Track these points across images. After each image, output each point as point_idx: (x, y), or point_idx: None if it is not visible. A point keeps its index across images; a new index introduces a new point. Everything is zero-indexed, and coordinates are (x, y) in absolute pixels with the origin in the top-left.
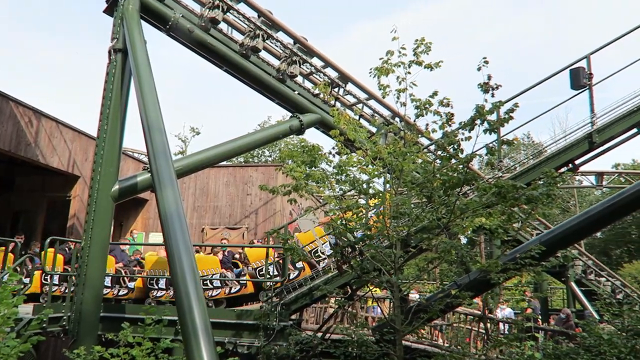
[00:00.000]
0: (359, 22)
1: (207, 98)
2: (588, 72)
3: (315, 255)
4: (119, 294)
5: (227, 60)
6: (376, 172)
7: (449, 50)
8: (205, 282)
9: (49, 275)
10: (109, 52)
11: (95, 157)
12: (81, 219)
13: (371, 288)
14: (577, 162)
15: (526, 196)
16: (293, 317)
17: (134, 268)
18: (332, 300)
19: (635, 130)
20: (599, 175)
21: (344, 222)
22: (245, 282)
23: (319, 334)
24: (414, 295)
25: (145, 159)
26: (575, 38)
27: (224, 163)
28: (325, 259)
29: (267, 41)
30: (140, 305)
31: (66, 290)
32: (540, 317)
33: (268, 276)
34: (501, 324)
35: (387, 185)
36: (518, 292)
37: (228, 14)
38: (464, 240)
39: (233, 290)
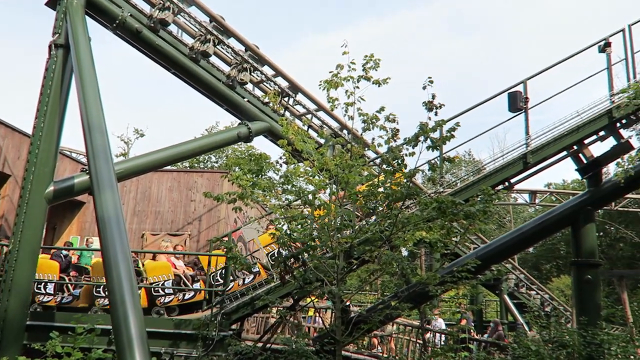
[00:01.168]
0: (309, 35)
1: (154, 99)
2: (524, 96)
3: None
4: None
5: (175, 63)
6: (322, 184)
7: (396, 67)
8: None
9: None
10: (50, 47)
11: (29, 156)
12: (10, 221)
13: (313, 299)
14: (512, 180)
15: (464, 212)
16: (234, 326)
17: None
18: (274, 310)
19: (565, 152)
20: (533, 193)
21: (288, 232)
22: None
23: (259, 344)
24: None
25: (84, 160)
26: (511, 60)
27: (168, 167)
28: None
29: (218, 46)
30: (71, 313)
31: None
32: (473, 328)
33: (213, 284)
34: (437, 335)
35: (333, 197)
36: (454, 304)
37: (179, 16)
38: (405, 253)
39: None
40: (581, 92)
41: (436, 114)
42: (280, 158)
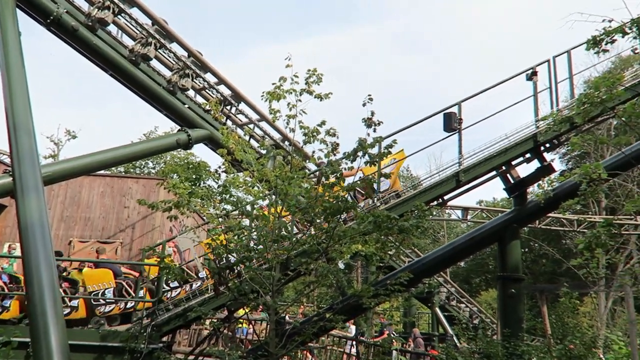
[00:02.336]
0: (260, 45)
1: (89, 99)
2: (458, 117)
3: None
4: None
5: (114, 64)
6: (261, 194)
7: (344, 80)
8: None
9: None
10: None
11: None
12: None
13: (247, 310)
14: (446, 197)
15: (399, 226)
16: (165, 339)
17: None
18: (208, 321)
19: (494, 172)
20: (465, 210)
21: (224, 242)
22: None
23: (191, 357)
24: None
25: (8, 161)
26: (453, 79)
27: (101, 172)
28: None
29: (159, 50)
30: None
31: None
32: (394, 339)
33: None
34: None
35: (272, 208)
36: (386, 316)
37: (119, 17)
38: (342, 265)
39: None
40: (514, 113)
41: (375, 130)
42: (219, 167)
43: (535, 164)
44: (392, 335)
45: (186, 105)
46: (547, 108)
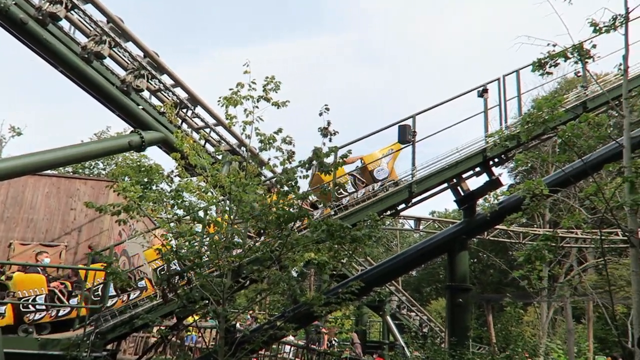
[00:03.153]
0: (223, 49)
1: (36, 96)
2: (413, 130)
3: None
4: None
5: (64, 61)
6: (214, 200)
7: (301, 87)
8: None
9: None
10: None
11: None
12: None
13: (196, 318)
14: (399, 207)
15: (351, 235)
16: (109, 347)
17: None
18: (155, 329)
19: (445, 184)
20: (417, 220)
21: (175, 248)
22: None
23: None
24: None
25: None
26: (413, 92)
27: (48, 172)
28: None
29: (114, 49)
30: None
31: None
32: (337, 347)
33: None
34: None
35: (225, 215)
36: (337, 324)
37: (72, 12)
38: (295, 273)
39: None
40: (468, 128)
41: (330, 140)
42: (172, 172)
43: (484, 178)
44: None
45: (140, 107)
46: (497, 124)
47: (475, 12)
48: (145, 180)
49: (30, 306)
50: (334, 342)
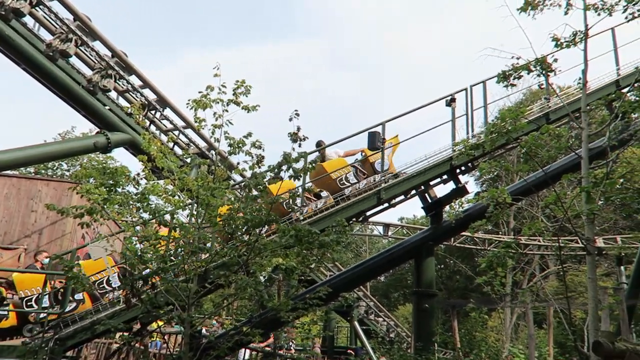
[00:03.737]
0: (194, 50)
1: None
2: (382, 137)
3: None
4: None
5: (28, 58)
6: (181, 204)
7: (274, 91)
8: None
9: None
10: None
11: None
12: None
13: (161, 323)
14: (367, 213)
15: (319, 241)
16: (69, 353)
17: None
18: (118, 335)
19: (414, 191)
20: (386, 226)
21: (139, 252)
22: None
23: None
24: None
25: None
26: (385, 98)
27: (7, 172)
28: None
29: (80, 48)
30: None
31: None
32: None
33: (42, 306)
34: None
35: (192, 219)
36: (303, 330)
37: (37, 9)
38: (263, 278)
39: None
40: (438, 135)
41: (300, 145)
42: (138, 175)
43: (451, 185)
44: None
45: (107, 107)
46: (464, 133)
47: (448, 23)
48: (110, 182)
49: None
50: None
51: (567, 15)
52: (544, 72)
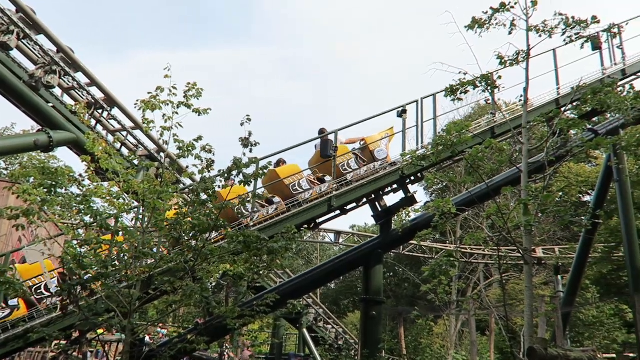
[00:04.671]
0: (146, 50)
1: None
2: (335, 145)
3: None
4: None
5: None
6: (126, 207)
7: (233, 96)
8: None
9: None
10: None
11: None
12: None
13: (102, 331)
14: (318, 220)
15: (268, 247)
16: None
17: None
18: (54, 343)
19: (365, 200)
20: (338, 233)
21: (79, 257)
22: None
23: None
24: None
25: None
26: (338, 107)
27: None
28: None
29: (23, 41)
30: None
31: None
32: None
33: None
34: None
35: (137, 223)
36: (251, 337)
37: None
38: (211, 285)
39: None
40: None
41: (251, 150)
42: (81, 175)
43: (401, 195)
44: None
45: (50, 104)
46: (415, 144)
47: (402, 37)
48: (50, 183)
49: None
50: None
51: (511, 35)
52: (488, 88)
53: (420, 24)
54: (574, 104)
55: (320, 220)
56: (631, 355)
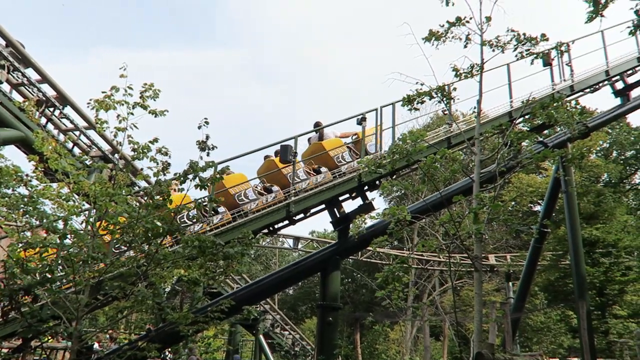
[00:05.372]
0: (104, 49)
1: None
2: (294, 151)
3: None
4: None
5: None
6: (76, 210)
7: (193, 98)
8: None
9: None
10: None
11: None
12: None
13: (48, 338)
14: (276, 226)
15: (224, 253)
16: None
17: None
18: None
19: (323, 206)
20: (296, 239)
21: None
22: None
23: None
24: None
25: None
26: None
27: None
28: None
29: None
30: None
31: None
32: None
33: None
34: None
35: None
36: (204, 343)
37: None
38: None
39: None
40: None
41: (208, 154)
42: (27, 176)
43: (359, 201)
44: None
45: None
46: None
47: (370, 45)
48: None
49: None
50: None
51: (466, 49)
52: (444, 99)
53: (386, 34)
54: (526, 117)
55: (279, 225)
56: (575, 359)
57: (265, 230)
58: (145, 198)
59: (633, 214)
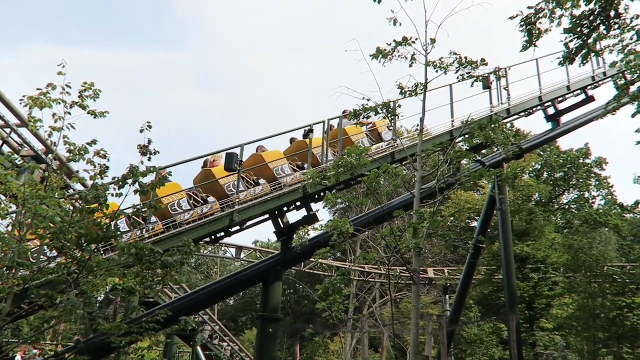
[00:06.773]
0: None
1: None
2: (240, 159)
3: None
4: None
5: None
6: (2, 212)
7: (137, 100)
8: None
9: None
10: None
11: None
12: None
13: None
14: (218, 235)
15: (162, 261)
16: None
17: None
18: None
19: (267, 216)
20: (239, 249)
21: None
22: None
23: None
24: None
25: None
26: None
27: None
28: None
29: None
30: None
31: None
32: None
33: None
34: None
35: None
36: (137, 355)
37: None
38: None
39: None
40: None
41: (150, 159)
42: None
43: (304, 212)
44: None
45: None
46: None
47: (317, 60)
48: None
49: None
50: None
51: (412, 68)
52: (389, 115)
53: (335, 50)
54: (465, 136)
55: (221, 234)
56: None
57: (208, 239)
58: (80, 202)
59: (560, 232)
